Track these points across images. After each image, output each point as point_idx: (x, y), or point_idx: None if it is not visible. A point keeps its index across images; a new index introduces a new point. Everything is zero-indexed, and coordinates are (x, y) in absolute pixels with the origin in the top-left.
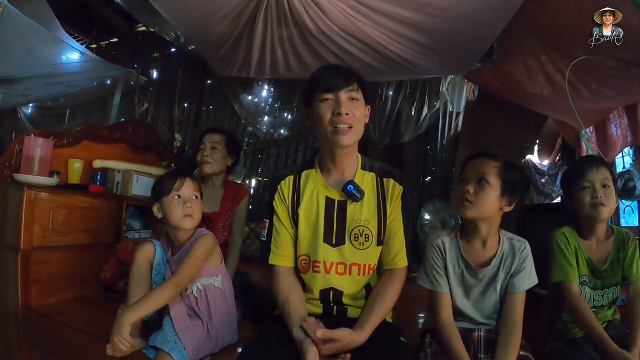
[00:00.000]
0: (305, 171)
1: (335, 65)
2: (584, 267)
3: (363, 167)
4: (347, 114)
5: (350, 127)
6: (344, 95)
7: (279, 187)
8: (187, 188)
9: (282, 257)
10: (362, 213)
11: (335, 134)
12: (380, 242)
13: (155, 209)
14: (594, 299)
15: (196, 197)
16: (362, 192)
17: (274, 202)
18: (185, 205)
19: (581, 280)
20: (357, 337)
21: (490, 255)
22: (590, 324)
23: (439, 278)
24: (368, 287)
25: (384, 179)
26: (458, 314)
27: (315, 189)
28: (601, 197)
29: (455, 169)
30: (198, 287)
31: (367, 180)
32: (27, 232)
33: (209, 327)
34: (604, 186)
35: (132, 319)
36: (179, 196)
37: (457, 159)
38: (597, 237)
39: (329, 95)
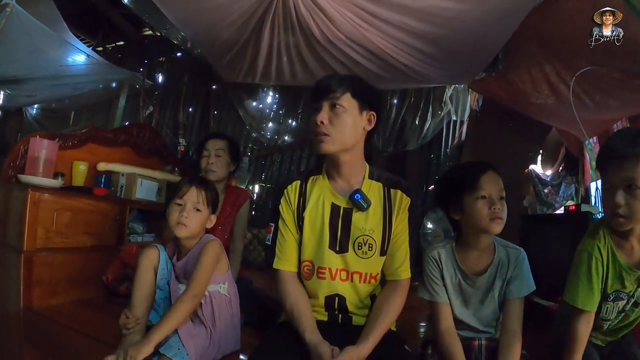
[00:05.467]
0: (312, 177)
1: (330, 75)
2: (618, 282)
3: (370, 177)
4: (322, 122)
5: (326, 135)
6: (325, 103)
7: (285, 191)
8: (189, 198)
9: (286, 262)
10: (367, 222)
11: (315, 141)
12: (383, 252)
13: (167, 211)
14: (628, 302)
15: (198, 209)
16: (368, 202)
17: (279, 207)
18: (181, 214)
19: (614, 296)
20: (361, 350)
21: (486, 264)
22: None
23: (437, 288)
24: (373, 297)
25: (391, 190)
26: (458, 323)
27: (322, 195)
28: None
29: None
30: (204, 294)
31: (374, 190)
32: (31, 233)
33: (212, 334)
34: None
35: (158, 340)
36: (179, 204)
37: None
38: (638, 237)
39: (315, 104)
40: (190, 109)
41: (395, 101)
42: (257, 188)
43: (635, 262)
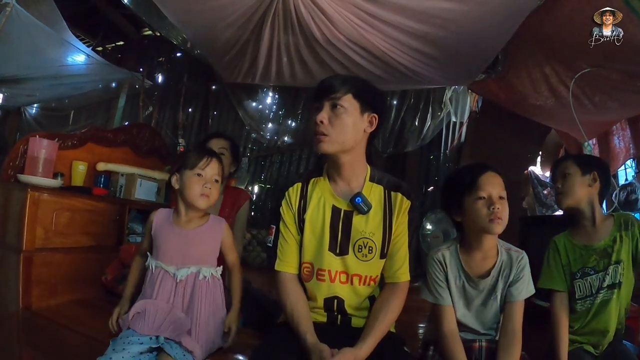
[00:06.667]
0: (313, 179)
1: (333, 75)
2: (580, 260)
3: (371, 179)
4: (321, 121)
5: (325, 135)
6: (326, 103)
7: (286, 193)
8: (211, 169)
9: (287, 264)
10: (367, 225)
11: (315, 140)
12: (383, 255)
13: (174, 179)
14: (603, 280)
15: (217, 180)
16: (369, 205)
17: (280, 208)
18: (204, 185)
19: (581, 273)
20: (358, 353)
21: (489, 266)
22: (558, 341)
23: (441, 291)
24: (372, 299)
25: (392, 192)
26: (459, 325)
27: (323, 197)
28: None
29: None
30: (205, 275)
31: (374, 193)
32: (30, 233)
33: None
34: (564, 176)
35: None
36: (200, 175)
37: None
38: (590, 221)
39: (317, 104)
40: (189, 110)
41: (394, 102)
42: (256, 189)
43: (593, 240)
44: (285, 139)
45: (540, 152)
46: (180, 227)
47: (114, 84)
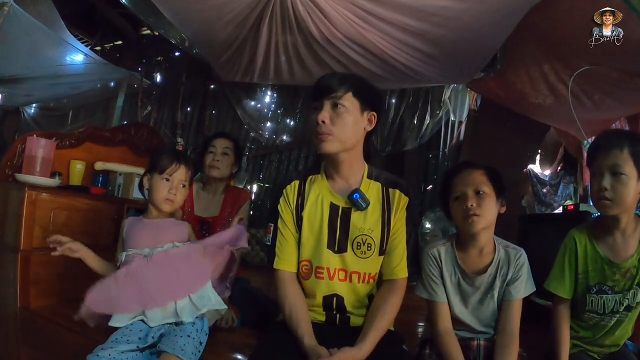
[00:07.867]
0: (311, 176)
1: (330, 73)
2: (600, 274)
3: (369, 177)
4: (323, 121)
5: (328, 134)
6: (327, 102)
7: (284, 191)
8: (178, 175)
9: (286, 262)
10: (365, 222)
11: (316, 140)
12: (382, 252)
13: (145, 179)
14: (621, 303)
15: (184, 185)
16: (367, 202)
17: (279, 206)
18: (169, 190)
19: (597, 289)
20: (358, 353)
21: (486, 263)
22: (559, 348)
23: (435, 288)
24: (371, 297)
25: (390, 189)
26: (457, 322)
27: (320, 194)
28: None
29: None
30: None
31: (372, 190)
32: (28, 232)
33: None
34: (614, 174)
35: None
36: (167, 179)
37: None
38: (621, 231)
39: (316, 103)
40: (188, 109)
41: (393, 101)
42: (255, 188)
43: (619, 257)
44: (284, 137)
45: (539, 151)
46: (150, 219)
47: (112, 84)
